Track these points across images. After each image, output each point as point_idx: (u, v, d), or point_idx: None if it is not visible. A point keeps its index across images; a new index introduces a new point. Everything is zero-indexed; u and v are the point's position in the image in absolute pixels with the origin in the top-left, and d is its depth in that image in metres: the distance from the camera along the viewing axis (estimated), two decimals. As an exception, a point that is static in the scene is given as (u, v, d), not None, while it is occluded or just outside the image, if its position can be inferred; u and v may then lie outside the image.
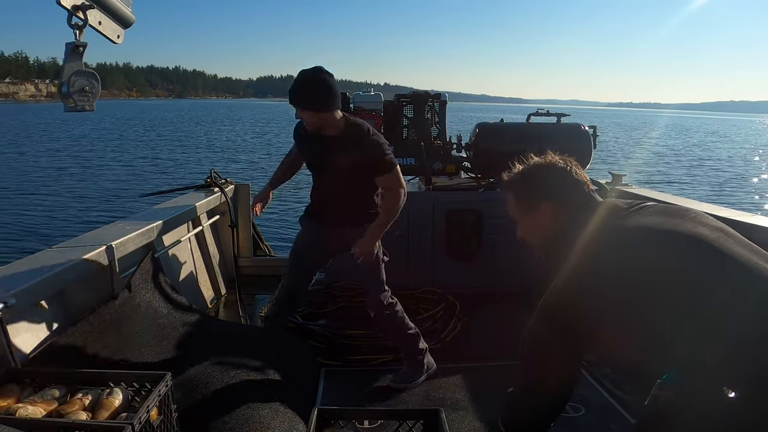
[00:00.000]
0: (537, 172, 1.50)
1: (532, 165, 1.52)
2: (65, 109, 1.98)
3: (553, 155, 1.52)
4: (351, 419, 1.77)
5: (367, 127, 2.43)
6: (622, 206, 1.41)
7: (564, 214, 1.45)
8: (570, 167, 1.48)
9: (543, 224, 1.48)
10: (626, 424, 2.24)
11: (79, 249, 2.28)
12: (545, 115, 4.22)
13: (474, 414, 2.33)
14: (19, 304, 1.77)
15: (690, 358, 1.16)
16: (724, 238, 1.25)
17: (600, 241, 1.33)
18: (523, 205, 1.52)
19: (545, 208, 1.47)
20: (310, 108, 2.33)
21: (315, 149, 2.51)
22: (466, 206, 3.73)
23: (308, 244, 2.68)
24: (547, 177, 1.48)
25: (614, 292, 1.26)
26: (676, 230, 1.27)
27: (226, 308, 3.69)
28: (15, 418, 1.38)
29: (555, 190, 1.46)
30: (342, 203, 2.50)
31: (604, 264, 1.29)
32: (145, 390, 1.59)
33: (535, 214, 1.49)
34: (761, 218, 2.87)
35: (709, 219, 1.33)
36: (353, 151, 2.37)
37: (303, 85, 2.32)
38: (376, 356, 2.84)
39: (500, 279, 3.61)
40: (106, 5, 1.98)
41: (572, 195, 1.45)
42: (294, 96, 2.33)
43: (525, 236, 1.56)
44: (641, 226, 1.32)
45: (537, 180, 1.49)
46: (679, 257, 1.23)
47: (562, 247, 1.39)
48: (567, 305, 1.34)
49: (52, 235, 8.37)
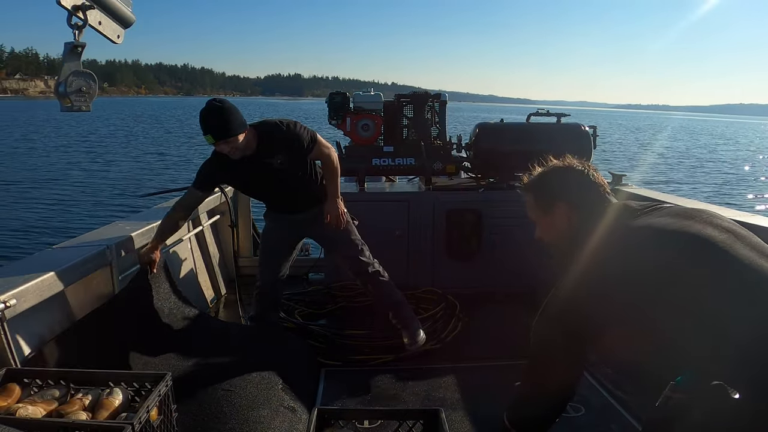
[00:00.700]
0: (555, 173, 1.55)
1: (551, 167, 1.57)
2: (62, 109, 1.98)
3: (572, 158, 1.56)
4: (351, 419, 1.77)
5: (276, 124, 2.55)
6: (635, 207, 1.44)
7: (579, 215, 1.49)
8: (587, 170, 1.52)
9: (559, 224, 1.53)
10: (626, 424, 2.23)
11: (79, 249, 2.28)
12: (545, 115, 4.22)
13: (474, 414, 2.33)
14: (19, 304, 1.77)
15: (695, 359, 1.16)
16: (733, 239, 1.25)
17: (608, 244, 1.35)
18: (542, 205, 1.56)
19: (562, 208, 1.51)
20: (233, 134, 2.36)
21: (252, 170, 2.56)
22: (466, 206, 3.72)
23: (280, 238, 2.85)
24: (564, 178, 1.53)
25: (621, 295, 1.28)
26: (684, 231, 1.28)
27: (226, 308, 3.69)
28: (15, 418, 1.38)
29: (572, 191, 1.51)
30: (302, 193, 2.70)
31: (611, 267, 1.31)
32: (145, 390, 1.59)
33: (553, 214, 1.53)
34: (761, 218, 2.86)
35: (721, 220, 1.33)
36: (285, 150, 2.53)
37: (215, 118, 2.35)
38: (376, 356, 2.84)
39: (500, 279, 3.61)
40: (106, 5, 1.98)
41: (588, 196, 1.49)
42: (215, 131, 2.35)
43: (543, 236, 1.60)
44: (649, 227, 1.33)
45: (555, 181, 1.54)
46: (686, 258, 1.23)
47: (573, 248, 1.43)
48: (574, 310, 1.36)
49: (52, 235, 8.37)
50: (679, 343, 1.18)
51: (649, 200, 3.52)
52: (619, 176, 4.07)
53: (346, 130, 3.97)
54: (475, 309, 3.40)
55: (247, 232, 4.26)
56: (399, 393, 2.52)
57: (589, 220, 1.44)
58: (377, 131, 3.95)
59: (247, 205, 4.23)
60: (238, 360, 2.38)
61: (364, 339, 2.95)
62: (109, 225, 2.85)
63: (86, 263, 2.20)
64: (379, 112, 4.00)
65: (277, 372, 2.38)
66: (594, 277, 1.32)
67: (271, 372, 2.36)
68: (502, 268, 3.59)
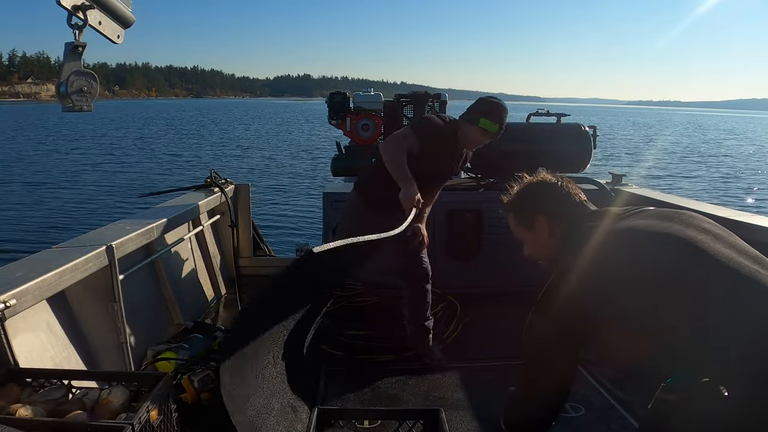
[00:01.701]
0: (530, 189, 1.61)
1: (525, 183, 1.63)
2: (63, 110, 1.97)
3: (546, 173, 1.62)
4: (351, 419, 1.77)
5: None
6: (617, 212, 1.48)
7: (559, 226, 1.53)
8: (560, 182, 1.58)
9: (543, 238, 1.57)
10: (626, 425, 2.24)
11: (79, 249, 2.28)
12: (545, 114, 4.22)
13: (474, 414, 2.33)
14: (19, 304, 1.77)
15: (694, 359, 1.17)
16: (711, 239, 1.28)
17: (602, 245, 1.37)
18: (523, 222, 1.61)
19: (542, 222, 1.56)
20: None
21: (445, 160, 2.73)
22: (466, 206, 3.72)
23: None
24: (539, 193, 1.58)
25: (619, 294, 1.29)
26: (664, 233, 1.31)
27: (226, 308, 3.69)
28: (15, 418, 1.38)
29: (548, 203, 1.56)
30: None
31: (607, 267, 1.32)
32: (144, 390, 1.59)
33: (534, 229, 1.58)
34: (761, 218, 2.87)
35: (699, 220, 1.36)
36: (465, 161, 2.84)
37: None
38: (376, 356, 2.84)
39: (500, 279, 3.61)
40: (106, 5, 1.97)
41: (564, 207, 1.54)
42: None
43: (532, 253, 1.64)
44: (632, 229, 1.36)
45: (530, 197, 1.59)
46: (667, 259, 1.26)
47: (560, 256, 1.48)
48: (569, 310, 1.38)
49: (52, 235, 8.37)
50: (677, 343, 1.19)
51: (648, 200, 3.53)
52: (619, 176, 4.07)
53: (346, 130, 3.98)
54: (476, 309, 3.40)
55: (247, 233, 4.26)
56: (399, 393, 2.53)
57: (571, 228, 1.48)
58: (377, 131, 3.95)
59: (247, 205, 4.23)
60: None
61: (363, 339, 2.95)
62: (109, 225, 2.85)
63: (86, 263, 2.20)
64: (379, 112, 4.00)
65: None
66: (590, 277, 1.34)
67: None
68: (502, 268, 3.59)
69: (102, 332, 2.33)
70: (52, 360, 1.99)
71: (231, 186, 4.09)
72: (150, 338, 2.74)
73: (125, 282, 2.47)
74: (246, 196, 4.22)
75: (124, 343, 2.36)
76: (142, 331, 2.71)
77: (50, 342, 2.03)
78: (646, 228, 1.34)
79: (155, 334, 2.84)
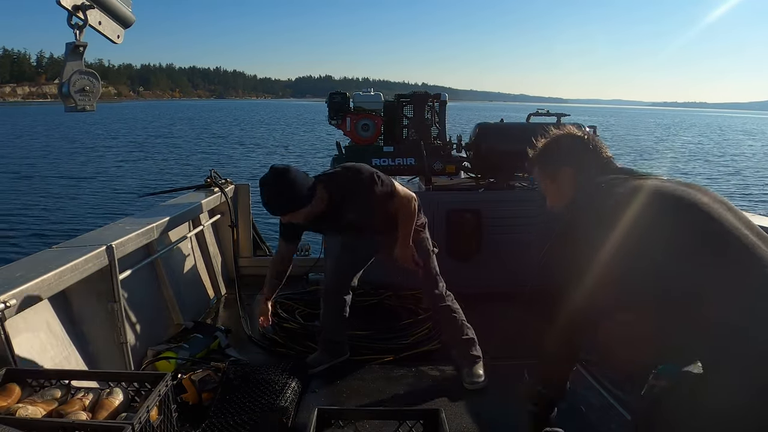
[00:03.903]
0: (556, 141, 1.64)
1: (551, 136, 1.65)
2: (66, 110, 1.97)
3: (571, 127, 1.66)
4: (351, 419, 1.77)
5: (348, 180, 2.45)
6: (640, 172, 1.52)
7: (582, 176, 1.56)
8: (585, 135, 1.61)
9: (567, 189, 1.59)
10: (626, 424, 2.23)
11: (79, 249, 2.28)
12: (545, 115, 4.22)
13: (474, 414, 2.33)
14: (19, 304, 1.77)
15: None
16: (725, 209, 1.35)
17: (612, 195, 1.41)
18: (548, 173, 1.64)
19: (567, 173, 1.59)
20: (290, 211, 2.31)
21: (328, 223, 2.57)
22: (466, 206, 3.72)
23: (366, 255, 2.76)
24: (565, 145, 1.61)
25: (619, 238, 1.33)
26: (685, 196, 1.36)
27: (226, 308, 3.69)
28: (15, 418, 1.38)
29: (573, 155, 1.59)
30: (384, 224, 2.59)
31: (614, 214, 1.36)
32: (144, 390, 1.59)
33: (558, 179, 1.61)
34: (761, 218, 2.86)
35: (714, 194, 1.42)
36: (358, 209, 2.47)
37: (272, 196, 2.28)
38: (377, 356, 2.83)
39: (500, 279, 3.61)
40: (106, 5, 1.98)
41: (588, 158, 1.57)
42: (271, 210, 2.30)
43: (554, 204, 1.66)
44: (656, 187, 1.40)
45: (556, 148, 1.62)
46: (688, 219, 1.32)
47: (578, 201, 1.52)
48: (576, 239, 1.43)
49: (52, 235, 8.37)
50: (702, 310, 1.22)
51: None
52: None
53: (346, 130, 3.97)
54: (475, 309, 3.39)
55: (247, 233, 4.27)
56: (399, 393, 2.52)
57: (593, 178, 1.51)
58: (377, 131, 3.95)
59: (247, 205, 4.23)
60: None
61: (363, 339, 2.95)
62: (109, 225, 2.85)
63: (86, 263, 2.20)
64: (379, 112, 4.00)
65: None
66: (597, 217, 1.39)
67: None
68: (502, 268, 3.59)
69: (102, 332, 2.33)
70: (52, 360, 1.99)
71: (231, 186, 4.09)
72: (150, 338, 2.74)
73: (125, 282, 2.47)
74: (246, 196, 4.23)
75: (124, 343, 2.36)
76: (142, 331, 2.72)
77: (50, 342, 2.03)
78: (668, 189, 1.39)
79: (155, 334, 2.84)
